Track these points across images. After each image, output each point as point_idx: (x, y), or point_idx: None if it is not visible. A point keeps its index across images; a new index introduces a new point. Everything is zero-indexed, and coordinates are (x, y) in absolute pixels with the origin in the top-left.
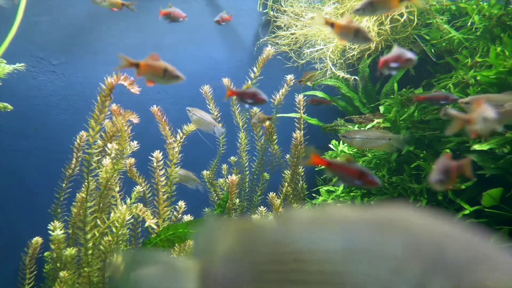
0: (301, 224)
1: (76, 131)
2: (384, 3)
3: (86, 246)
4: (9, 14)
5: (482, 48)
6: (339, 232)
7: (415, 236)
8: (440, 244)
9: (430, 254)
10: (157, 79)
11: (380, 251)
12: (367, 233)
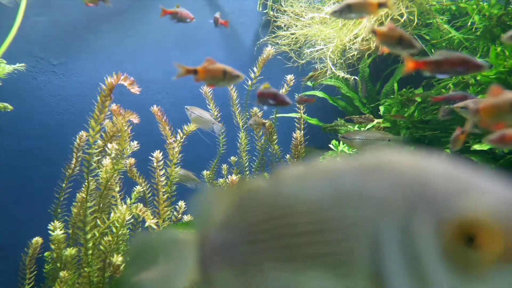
0: (291, 179)
1: (76, 131)
2: (362, 7)
3: (86, 246)
4: (10, 14)
5: (482, 48)
6: (326, 180)
7: (399, 176)
8: (424, 180)
9: (414, 191)
10: (217, 82)
11: (366, 194)
12: (353, 178)
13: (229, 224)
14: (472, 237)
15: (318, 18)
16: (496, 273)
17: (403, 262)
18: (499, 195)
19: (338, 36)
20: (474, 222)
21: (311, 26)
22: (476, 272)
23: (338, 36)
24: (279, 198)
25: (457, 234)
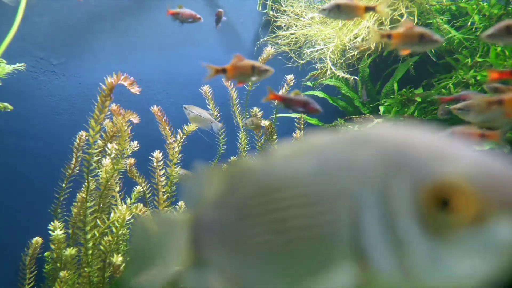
0: (280, 156)
1: (76, 131)
2: (350, 9)
3: (86, 246)
4: (9, 14)
5: (482, 48)
6: (312, 155)
7: (381, 146)
8: (403, 149)
9: (393, 159)
10: (247, 78)
11: (348, 165)
12: (337, 151)
13: (220, 203)
14: (445, 200)
15: (318, 18)
16: (468, 235)
17: (382, 228)
18: (471, 160)
19: (338, 36)
20: (448, 185)
21: (311, 26)
22: (449, 234)
23: (338, 36)
24: (267, 175)
25: (431, 197)
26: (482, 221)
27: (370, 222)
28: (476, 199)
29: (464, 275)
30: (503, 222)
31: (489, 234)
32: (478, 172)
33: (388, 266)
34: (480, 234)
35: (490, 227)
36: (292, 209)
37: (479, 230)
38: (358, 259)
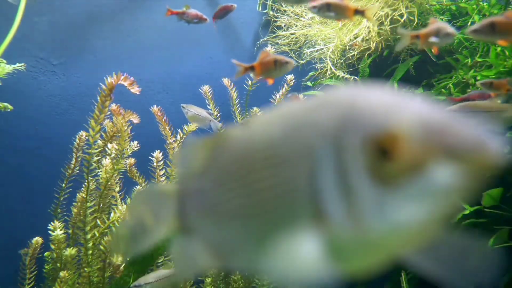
0: (255, 124)
1: (76, 131)
2: (340, 9)
3: (86, 246)
4: (9, 14)
5: (482, 48)
6: (280, 120)
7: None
8: (356, 106)
9: (346, 116)
10: (272, 74)
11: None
12: (300, 113)
13: (203, 172)
14: (388, 149)
15: (318, 18)
16: (410, 182)
17: (335, 181)
18: (413, 111)
19: (338, 36)
20: (389, 135)
21: (311, 26)
22: (393, 182)
23: (338, 36)
24: (243, 143)
25: (375, 147)
26: (421, 168)
27: (326, 176)
28: (415, 147)
29: (408, 222)
30: (441, 167)
31: (429, 180)
32: (418, 122)
33: (340, 217)
34: (421, 181)
35: (429, 173)
36: (262, 171)
37: (419, 177)
38: (317, 212)
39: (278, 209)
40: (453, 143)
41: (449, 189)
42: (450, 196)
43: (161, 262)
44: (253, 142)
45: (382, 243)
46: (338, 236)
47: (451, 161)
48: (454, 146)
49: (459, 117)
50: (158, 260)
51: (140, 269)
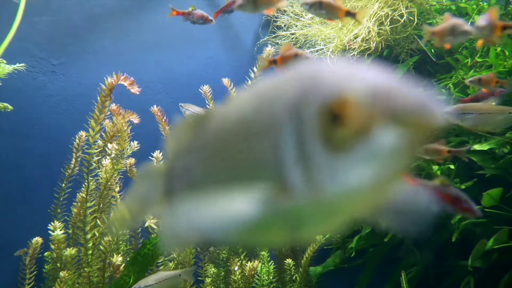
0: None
1: (76, 131)
2: (331, 8)
3: (86, 246)
4: (9, 14)
5: (482, 48)
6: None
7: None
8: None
9: (304, 87)
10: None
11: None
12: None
13: (188, 151)
14: (339, 115)
15: (318, 18)
16: (358, 145)
17: (295, 148)
18: (364, 78)
19: (338, 36)
20: (339, 101)
21: (311, 26)
22: (344, 147)
23: (338, 36)
24: (220, 120)
25: (327, 114)
26: (369, 132)
27: (288, 146)
28: (362, 111)
29: (359, 184)
30: (387, 130)
31: (376, 143)
32: (367, 88)
33: (300, 185)
34: (369, 144)
35: (376, 137)
36: (237, 145)
37: (367, 140)
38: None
39: (251, 180)
40: (397, 107)
41: (394, 151)
42: (396, 158)
43: (161, 262)
44: (229, 119)
45: (338, 206)
46: (299, 203)
47: (396, 124)
48: (398, 110)
49: (406, 84)
50: (158, 260)
51: (140, 269)
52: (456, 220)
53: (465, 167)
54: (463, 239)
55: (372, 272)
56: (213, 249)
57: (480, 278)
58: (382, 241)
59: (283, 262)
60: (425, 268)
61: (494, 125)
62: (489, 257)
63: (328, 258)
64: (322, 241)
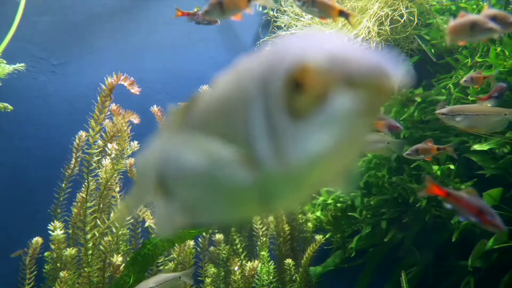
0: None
1: (76, 131)
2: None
3: (86, 246)
4: (9, 14)
5: (482, 48)
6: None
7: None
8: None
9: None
10: None
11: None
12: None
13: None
14: (300, 82)
15: (318, 19)
16: (317, 111)
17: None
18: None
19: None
20: (299, 69)
21: (311, 26)
22: (304, 114)
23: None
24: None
25: (289, 82)
26: (327, 97)
27: (256, 118)
28: (320, 77)
29: (321, 150)
30: (344, 94)
31: (334, 108)
32: (325, 54)
33: (267, 156)
34: (327, 109)
35: (334, 101)
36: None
37: (326, 106)
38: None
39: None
40: (352, 70)
41: (352, 114)
42: (354, 121)
43: (161, 262)
44: (211, 98)
45: (303, 175)
46: (268, 174)
47: (352, 88)
48: (352, 73)
49: (363, 48)
50: (158, 260)
51: (140, 269)
52: (456, 220)
53: (465, 167)
54: (463, 239)
55: (372, 272)
56: (213, 249)
57: (480, 278)
58: (382, 241)
59: (283, 262)
60: (425, 268)
61: (489, 127)
62: (489, 257)
63: (328, 258)
64: (322, 241)
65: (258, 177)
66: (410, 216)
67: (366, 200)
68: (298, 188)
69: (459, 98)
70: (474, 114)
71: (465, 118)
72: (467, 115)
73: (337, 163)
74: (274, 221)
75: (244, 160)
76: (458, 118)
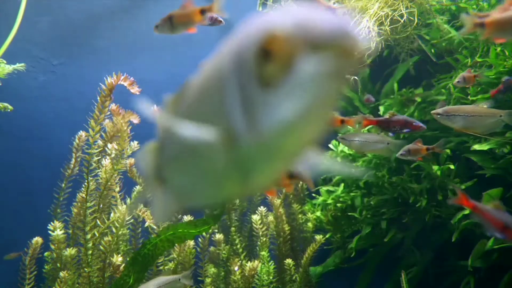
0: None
1: (76, 131)
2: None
3: (86, 246)
4: (10, 14)
5: (482, 48)
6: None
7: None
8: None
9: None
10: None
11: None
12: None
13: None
14: (268, 51)
15: None
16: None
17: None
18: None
19: None
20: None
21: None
22: (274, 82)
23: None
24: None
25: (259, 52)
26: (293, 62)
27: (232, 92)
28: (286, 43)
29: (289, 117)
30: (309, 58)
31: (300, 73)
32: (291, 22)
33: (242, 128)
34: (294, 75)
35: (300, 66)
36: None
37: (292, 72)
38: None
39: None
40: (315, 34)
41: (319, 78)
42: (322, 85)
43: (161, 262)
44: (195, 84)
45: (276, 143)
46: (245, 147)
47: (317, 51)
48: (316, 36)
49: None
50: (158, 260)
51: (140, 269)
52: (456, 220)
53: (465, 167)
54: (463, 239)
55: (372, 272)
56: (213, 249)
57: (480, 278)
58: (382, 241)
59: (283, 262)
60: (425, 268)
61: (485, 128)
62: (489, 257)
63: (328, 258)
64: (322, 241)
65: (236, 155)
66: (410, 216)
67: (366, 200)
68: (273, 159)
69: (459, 98)
70: (469, 115)
71: (461, 118)
72: (462, 115)
73: (308, 129)
74: (274, 221)
75: (223, 139)
76: (454, 119)
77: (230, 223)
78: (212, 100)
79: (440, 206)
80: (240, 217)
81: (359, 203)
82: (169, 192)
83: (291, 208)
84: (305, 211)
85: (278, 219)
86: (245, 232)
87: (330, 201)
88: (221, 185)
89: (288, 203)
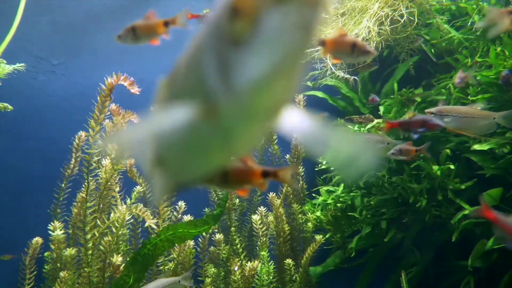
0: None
1: (76, 131)
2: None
3: (86, 246)
4: (9, 14)
5: (482, 48)
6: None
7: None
8: None
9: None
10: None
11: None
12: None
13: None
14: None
15: None
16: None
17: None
18: None
19: None
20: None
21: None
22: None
23: None
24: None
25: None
26: (260, 16)
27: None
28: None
29: (262, 73)
30: (275, 11)
31: (267, 26)
32: None
33: (219, 91)
34: (262, 29)
35: (266, 20)
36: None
37: (260, 26)
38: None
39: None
40: None
41: (287, 30)
42: (290, 37)
43: (161, 262)
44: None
45: (251, 100)
46: (224, 111)
47: (281, 3)
48: None
49: None
50: (158, 260)
51: (140, 269)
52: (456, 220)
53: (465, 167)
54: (463, 239)
55: (372, 272)
56: (213, 249)
57: (480, 278)
58: (382, 241)
59: (283, 262)
60: (425, 268)
61: (478, 129)
62: (489, 257)
63: (328, 258)
64: (322, 241)
65: (218, 122)
66: (410, 216)
67: (366, 200)
68: (251, 118)
69: (459, 98)
70: (462, 116)
71: (453, 119)
72: (455, 116)
73: (281, 84)
74: (274, 221)
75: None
76: (446, 119)
77: (230, 223)
78: (195, 72)
79: (440, 206)
80: (240, 217)
81: (359, 203)
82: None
83: (291, 208)
84: (305, 211)
85: (278, 219)
86: (245, 232)
87: (330, 201)
88: (209, 155)
89: (288, 203)
